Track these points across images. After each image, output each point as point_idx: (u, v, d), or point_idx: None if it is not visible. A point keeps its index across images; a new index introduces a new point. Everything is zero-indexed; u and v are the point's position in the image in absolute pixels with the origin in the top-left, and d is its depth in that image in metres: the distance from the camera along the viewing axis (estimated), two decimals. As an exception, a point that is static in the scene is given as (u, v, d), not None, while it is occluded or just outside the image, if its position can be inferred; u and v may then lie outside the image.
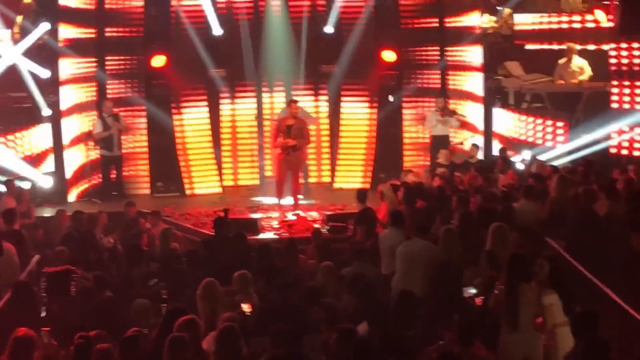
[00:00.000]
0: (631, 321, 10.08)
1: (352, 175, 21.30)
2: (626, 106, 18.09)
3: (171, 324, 8.89)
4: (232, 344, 8.50)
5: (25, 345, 8.38)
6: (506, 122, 20.17)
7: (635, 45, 17.80)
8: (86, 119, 20.39)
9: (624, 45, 18.03)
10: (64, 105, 19.43)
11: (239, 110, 21.60)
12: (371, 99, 21.45)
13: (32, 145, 18.98)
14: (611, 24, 18.65)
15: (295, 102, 18.32)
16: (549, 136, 18.90)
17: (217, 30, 20.39)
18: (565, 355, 8.48)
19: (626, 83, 18.09)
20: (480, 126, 20.50)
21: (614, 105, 18.31)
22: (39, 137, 19.19)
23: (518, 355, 9.26)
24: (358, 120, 21.52)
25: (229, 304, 10.50)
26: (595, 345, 7.72)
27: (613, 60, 18.33)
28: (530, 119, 19.38)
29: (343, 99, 21.62)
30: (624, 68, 18.10)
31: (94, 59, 20.69)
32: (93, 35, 20.67)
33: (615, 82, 18.32)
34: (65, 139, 19.56)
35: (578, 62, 19.14)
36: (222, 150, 21.43)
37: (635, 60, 17.83)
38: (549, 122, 18.90)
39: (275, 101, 21.55)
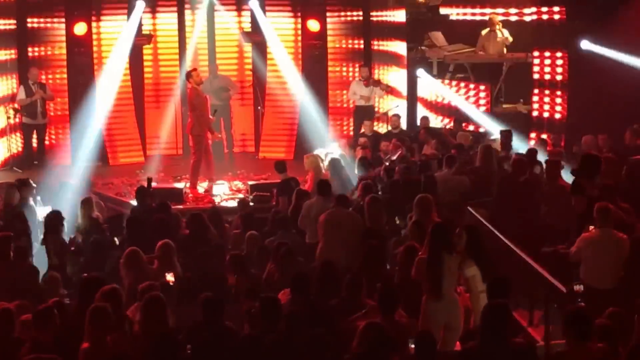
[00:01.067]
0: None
1: (276, 145, 21.20)
2: (547, 77, 18.33)
3: (89, 293, 8.79)
4: (158, 313, 8.43)
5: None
6: (430, 90, 20.28)
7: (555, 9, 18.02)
8: (7, 85, 19.98)
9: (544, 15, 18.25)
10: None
11: (164, 76, 21.38)
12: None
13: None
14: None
15: (195, 69, 17.79)
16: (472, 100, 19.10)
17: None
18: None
19: (547, 54, 18.33)
20: (404, 92, 20.54)
21: (536, 77, 18.55)
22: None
23: (440, 322, 9.33)
24: (283, 95, 21.35)
25: (151, 274, 10.44)
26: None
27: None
28: (454, 88, 19.55)
29: (269, 73, 21.36)
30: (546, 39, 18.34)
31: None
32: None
33: (536, 53, 18.53)
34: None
35: (501, 32, 19.27)
36: (145, 120, 21.18)
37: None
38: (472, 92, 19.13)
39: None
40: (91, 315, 8.07)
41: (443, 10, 20.44)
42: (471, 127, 18.97)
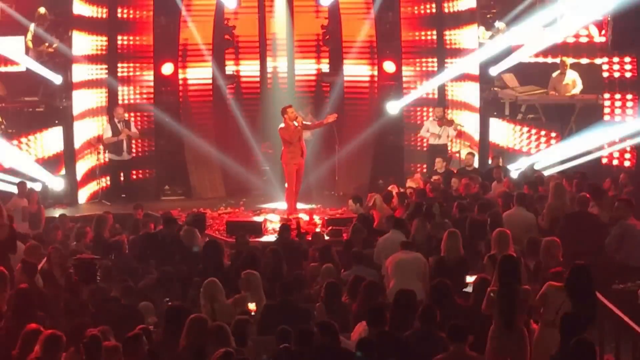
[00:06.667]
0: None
1: (351, 180, 21.19)
2: (618, 118, 18.08)
3: (175, 322, 8.92)
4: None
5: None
6: (502, 132, 20.16)
7: (626, 59, 17.82)
8: (97, 124, 20.33)
9: (616, 59, 18.03)
10: (76, 110, 19.44)
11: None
12: (371, 114, 21.45)
13: (44, 148, 19.06)
14: (603, 39, 18.60)
15: (290, 106, 18.13)
16: (542, 146, 18.91)
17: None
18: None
19: (617, 96, 18.09)
20: (477, 136, 20.48)
21: (606, 118, 18.29)
22: (50, 140, 19.21)
23: (506, 355, 9.20)
24: (359, 133, 21.42)
25: (229, 304, 10.46)
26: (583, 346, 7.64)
27: (605, 74, 18.32)
28: (525, 128, 19.39)
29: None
30: (616, 80, 18.11)
31: (105, 66, 20.67)
32: (105, 43, 20.67)
33: (607, 95, 18.29)
34: (77, 142, 19.55)
35: (570, 75, 19.19)
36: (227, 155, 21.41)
37: (627, 74, 17.86)
38: (543, 132, 18.97)
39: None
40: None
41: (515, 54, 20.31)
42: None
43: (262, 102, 21.46)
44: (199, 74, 21.17)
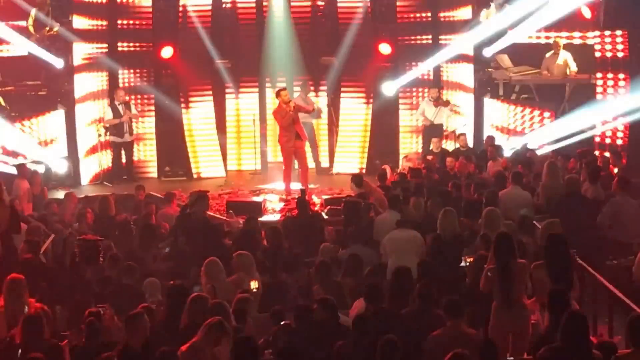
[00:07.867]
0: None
1: (349, 161, 21.18)
2: (610, 97, 18.08)
3: (176, 300, 8.99)
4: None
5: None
6: (496, 112, 20.14)
7: (618, 39, 17.81)
8: (98, 106, 20.29)
9: (607, 38, 18.03)
10: (77, 93, 19.43)
11: (243, 104, 21.44)
12: (367, 95, 21.24)
13: (47, 131, 19.06)
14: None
15: (284, 89, 18.18)
16: (536, 125, 18.89)
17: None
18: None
19: (610, 75, 18.09)
20: (471, 116, 20.45)
21: (599, 97, 18.29)
22: (53, 123, 19.20)
23: (509, 330, 9.23)
24: (356, 115, 21.30)
25: (230, 283, 10.48)
26: (576, 318, 7.65)
27: (598, 54, 18.31)
28: (519, 108, 19.38)
29: (342, 94, 21.37)
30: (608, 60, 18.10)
31: (105, 46, 20.60)
32: (105, 28, 20.61)
33: (599, 75, 18.30)
34: (78, 124, 19.54)
35: (563, 55, 19.14)
36: (226, 137, 21.31)
37: (619, 54, 17.84)
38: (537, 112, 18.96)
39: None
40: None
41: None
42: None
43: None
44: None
